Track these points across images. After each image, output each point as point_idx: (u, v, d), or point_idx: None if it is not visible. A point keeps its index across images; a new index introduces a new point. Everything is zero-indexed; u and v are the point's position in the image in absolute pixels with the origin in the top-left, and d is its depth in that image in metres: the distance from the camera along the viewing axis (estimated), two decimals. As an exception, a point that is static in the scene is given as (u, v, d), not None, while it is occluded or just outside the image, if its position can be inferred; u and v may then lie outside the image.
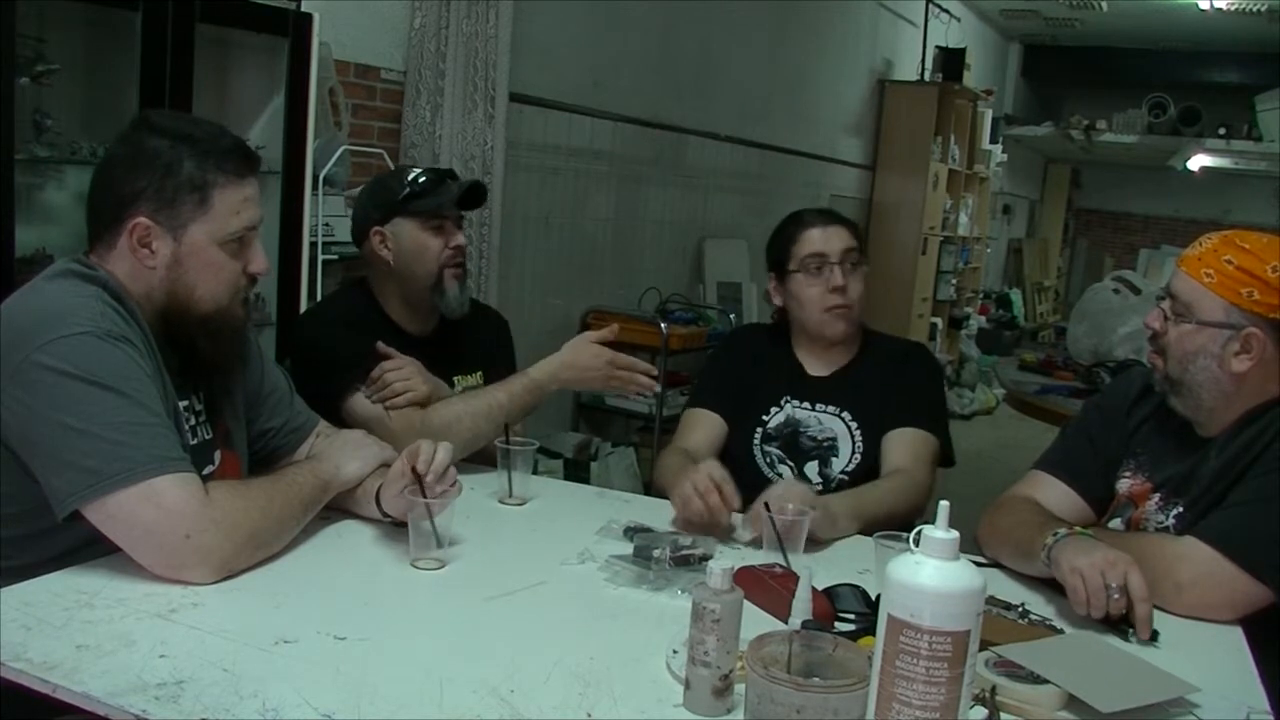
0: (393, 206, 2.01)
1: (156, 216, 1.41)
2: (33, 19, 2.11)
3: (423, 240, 2.01)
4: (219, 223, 1.43)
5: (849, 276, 2.01)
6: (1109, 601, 1.36)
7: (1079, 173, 12.21)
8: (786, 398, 2.07)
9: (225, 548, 1.32)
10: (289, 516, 1.44)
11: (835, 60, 6.45)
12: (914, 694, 0.97)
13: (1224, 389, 1.56)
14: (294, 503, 1.46)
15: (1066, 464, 1.75)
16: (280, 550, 1.43)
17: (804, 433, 2.04)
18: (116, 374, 1.31)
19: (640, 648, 1.24)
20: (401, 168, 2.14)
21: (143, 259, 1.42)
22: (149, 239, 1.41)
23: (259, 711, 1.03)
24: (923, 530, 0.99)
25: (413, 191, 2.01)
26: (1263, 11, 7.48)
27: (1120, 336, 4.11)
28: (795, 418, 2.05)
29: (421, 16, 3.25)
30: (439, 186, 2.03)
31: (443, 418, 1.88)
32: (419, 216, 2.00)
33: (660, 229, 4.89)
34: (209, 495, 1.33)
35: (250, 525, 1.36)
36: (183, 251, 1.43)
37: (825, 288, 2.01)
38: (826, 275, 2.01)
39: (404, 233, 2.01)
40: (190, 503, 1.30)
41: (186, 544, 1.29)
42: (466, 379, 2.11)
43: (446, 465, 1.52)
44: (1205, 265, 1.54)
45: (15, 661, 1.10)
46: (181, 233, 1.42)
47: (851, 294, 2.01)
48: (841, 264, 2.01)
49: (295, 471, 1.53)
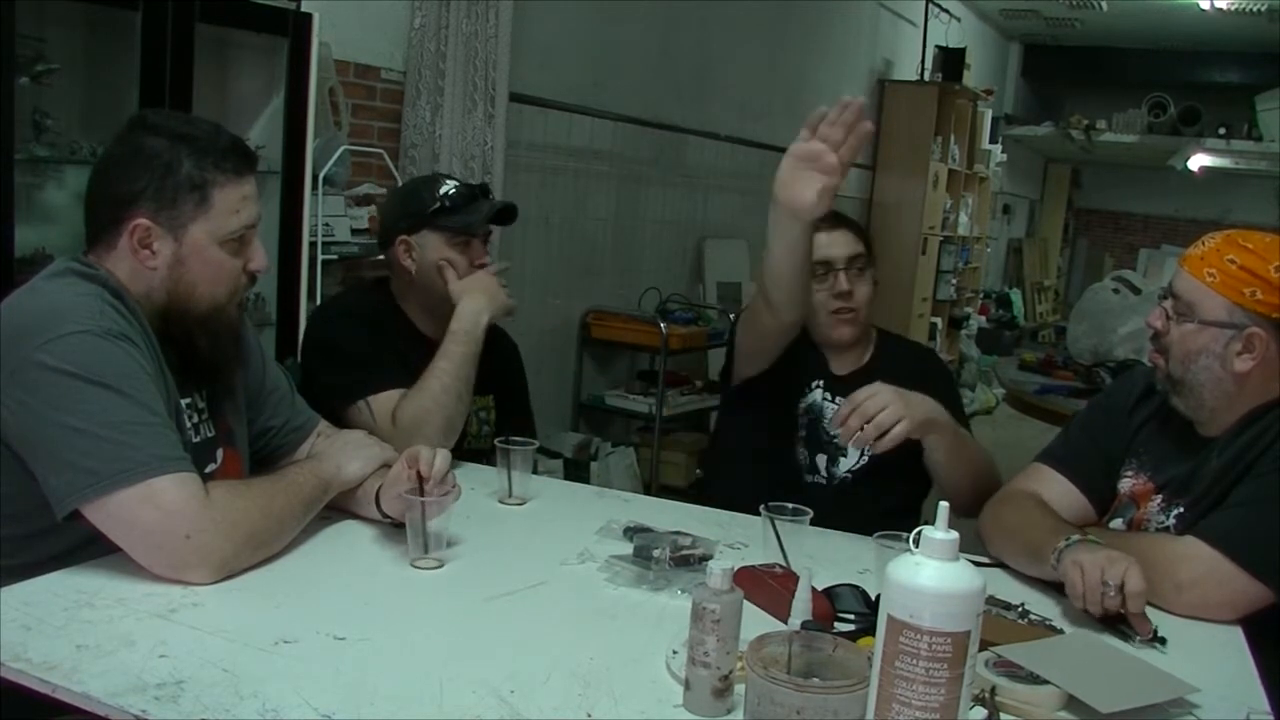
0: (422, 218, 1.99)
1: (157, 217, 1.40)
2: (33, 19, 2.11)
3: (448, 256, 1.99)
4: (219, 221, 1.43)
5: (855, 281, 2.01)
6: (1105, 598, 1.36)
7: (1079, 173, 12.20)
8: (817, 382, 2.07)
9: (225, 548, 1.32)
10: (289, 516, 1.44)
11: (835, 60, 6.45)
12: (914, 694, 0.96)
13: (1226, 389, 1.56)
14: (294, 503, 1.45)
15: (1069, 460, 1.75)
16: (280, 550, 1.43)
17: (824, 423, 2.05)
18: (117, 373, 1.30)
19: (640, 648, 1.24)
20: (435, 177, 2.11)
21: (144, 260, 1.42)
22: (150, 239, 1.41)
23: (259, 711, 1.03)
24: (923, 531, 0.99)
25: (444, 206, 1.99)
26: (1263, 11, 7.48)
27: (1120, 336, 4.11)
28: (819, 405, 2.06)
29: (421, 16, 3.25)
30: (471, 204, 2.01)
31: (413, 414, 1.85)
32: (447, 232, 1.99)
33: (660, 229, 4.89)
34: (209, 495, 1.32)
35: (250, 525, 1.36)
36: (184, 251, 1.43)
37: (830, 293, 2.00)
38: (832, 281, 2.00)
39: (430, 246, 1.99)
40: (190, 503, 1.30)
41: (186, 544, 1.29)
42: (479, 400, 2.09)
43: (445, 470, 1.51)
44: (1208, 265, 1.54)
45: (15, 661, 1.10)
46: (182, 233, 1.42)
47: (857, 299, 2.01)
48: (847, 270, 2.00)
49: (296, 471, 1.53)
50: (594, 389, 4.50)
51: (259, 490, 1.42)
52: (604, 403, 4.46)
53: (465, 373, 1.90)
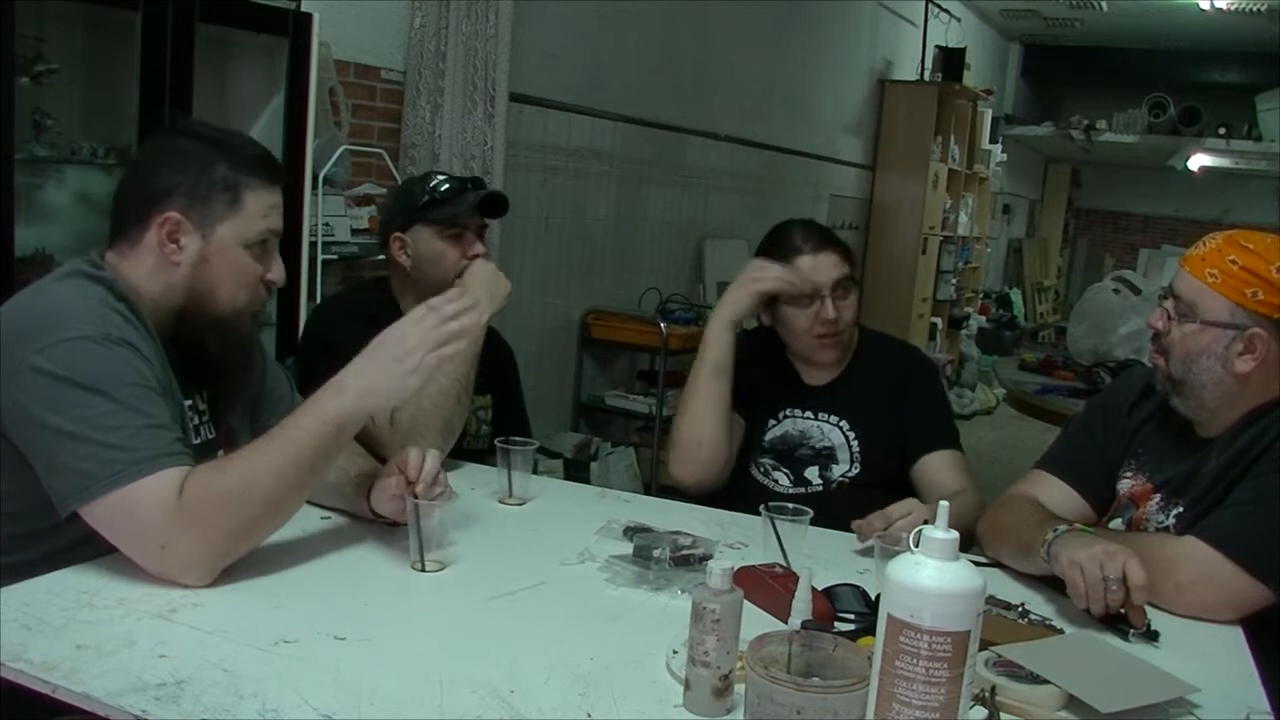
0: (413, 213, 2.02)
1: (188, 213, 1.42)
2: (33, 19, 2.11)
3: (439, 249, 2.01)
4: (247, 224, 1.45)
5: (840, 304, 1.96)
6: (1107, 593, 1.36)
7: (1079, 173, 12.20)
8: (785, 411, 2.05)
9: (201, 553, 1.29)
10: (280, 489, 1.34)
11: (835, 60, 6.45)
12: (914, 694, 0.96)
13: (1227, 389, 1.55)
14: (286, 470, 1.33)
15: (1068, 463, 1.75)
16: (280, 550, 1.43)
17: (804, 443, 2.03)
18: (111, 378, 1.30)
19: (640, 648, 1.24)
20: (428, 173, 2.14)
21: (169, 254, 1.43)
22: (178, 234, 1.42)
23: (259, 711, 1.03)
24: (922, 530, 0.99)
25: (432, 199, 2.01)
26: (1263, 11, 7.48)
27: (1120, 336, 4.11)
28: (796, 429, 2.04)
29: (421, 16, 3.25)
30: (459, 195, 2.03)
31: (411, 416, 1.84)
32: (437, 224, 2.01)
33: (660, 229, 4.89)
34: (181, 498, 1.27)
35: (226, 523, 1.30)
36: (210, 250, 1.44)
37: (816, 319, 1.96)
38: (819, 307, 1.95)
39: (422, 240, 2.01)
40: (159, 512, 1.26)
41: (163, 554, 1.28)
42: (478, 399, 2.11)
43: (435, 473, 1.50)
44: (1209, 265, 1.54)
45: (15, 661, 1.10)
46: (210, 231, 1.44)
47: (842, 322, 1.97)
48: (834, 294, 1.96)
49: (292, 424, 1.37)
50: (594, 389, 4.51)
51: (235, 475, 1.32)
52: (604, 403, 4.46)
53: (463, 373, 1.90)
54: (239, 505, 1.31)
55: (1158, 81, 9.08)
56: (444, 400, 1.86)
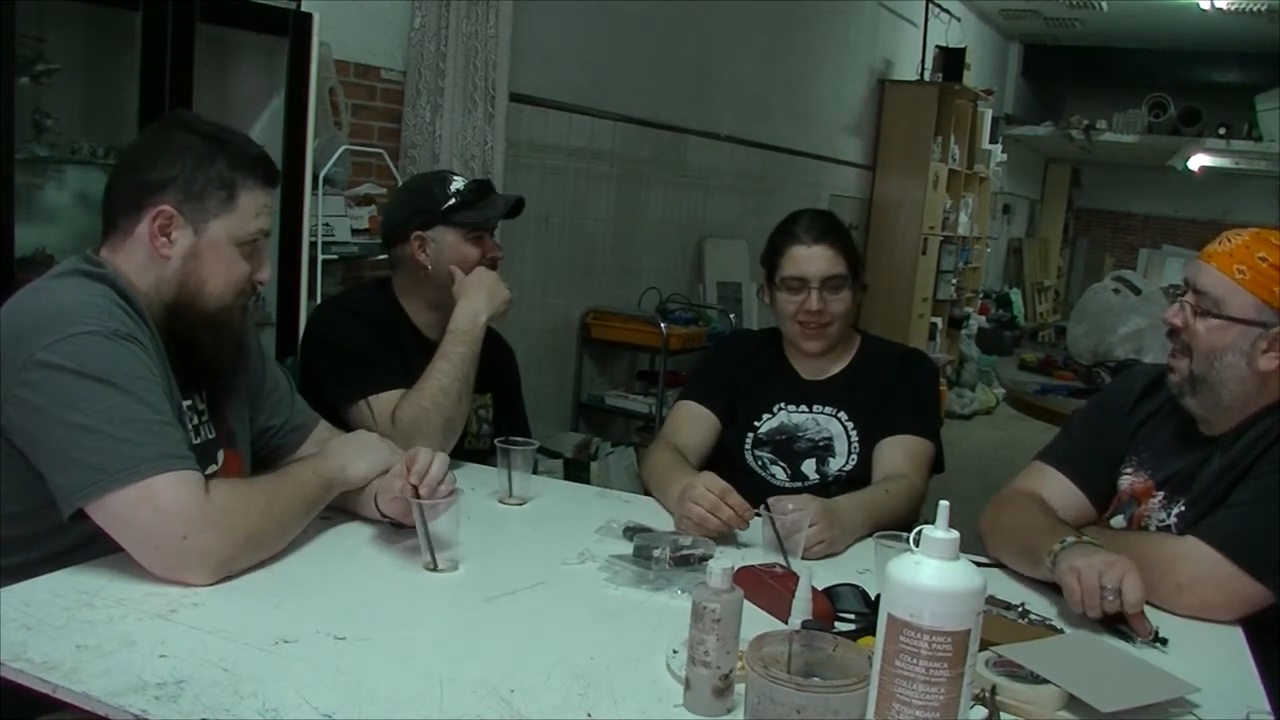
0: (436, 214, 2.02)
1: (181, 207, 1.43)
2: (33, 19, 2.11)
3: (463, 251, 2.02)
4: (239, 222, 1.46)
5: (827, 299, 1.99)
6: (1103, 601, 1.36)
7: (1079, 173, 12.20)
8: (780, 404, 2.06)
9: (223, 549, 1.32)
10: (290, 517, 1.44)
11: (835, 60, 6.45)
12: (914, 694, 0.96)
13: (1246, 387, 1.54)
14: (295, 502, 1.45)
15: (1069, 458, 1.75)
16: (280, 550, 1.43)
17: (801, 436, 2.04)
18: (123, 372, 1.31)
19: (640, 648, 1.24)
20: (441, 174, 2.16)
21: (159, 247, 1.43)
22: (170, 228, 1.43)
23: (259, 711, 1.03)
24: (923, 530, 0.99)
25: (459, 202, 2.02)
26: (1263, 11, 7.48)
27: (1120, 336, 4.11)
28: (791, 422, 2.05)
29: (421, 16, 3.25)
30: (482, 199, 2.05)
31: (412, 415, 1.86)
32: (463, 228, 2.02)
33: (660, 229, 4.89)
34: (208, 495, 1.32)
35: (249, 526, 1.35)
36: (201, 245, 1.45)
37: (800, 307, 2.00)
38: (804, 297, 1.99)
39: (445, 241, 2.02)
40: (188, 504, 1.29)
41: (184, 545, 1.29)
42: (478, 398, 2.11)
43: (441, 477, 1.51)
44: (1237, 261, 1.53)
45: (15, 661, 1.10)
46: (203, 226, 1.44)
47: (827, 315, 1.99)
48: (820, 289, 1.98)
49: (299, 470, 1.53)
50: (594, 389, 4.51)
51: (260, 490, 1.42)
52: (604, 403, 4.46)
53: (464, 373, 1.91)
54: (261, 515, 1.38)
55: (1158, 81, 9.08)
56: (445, 399, 1.87)
